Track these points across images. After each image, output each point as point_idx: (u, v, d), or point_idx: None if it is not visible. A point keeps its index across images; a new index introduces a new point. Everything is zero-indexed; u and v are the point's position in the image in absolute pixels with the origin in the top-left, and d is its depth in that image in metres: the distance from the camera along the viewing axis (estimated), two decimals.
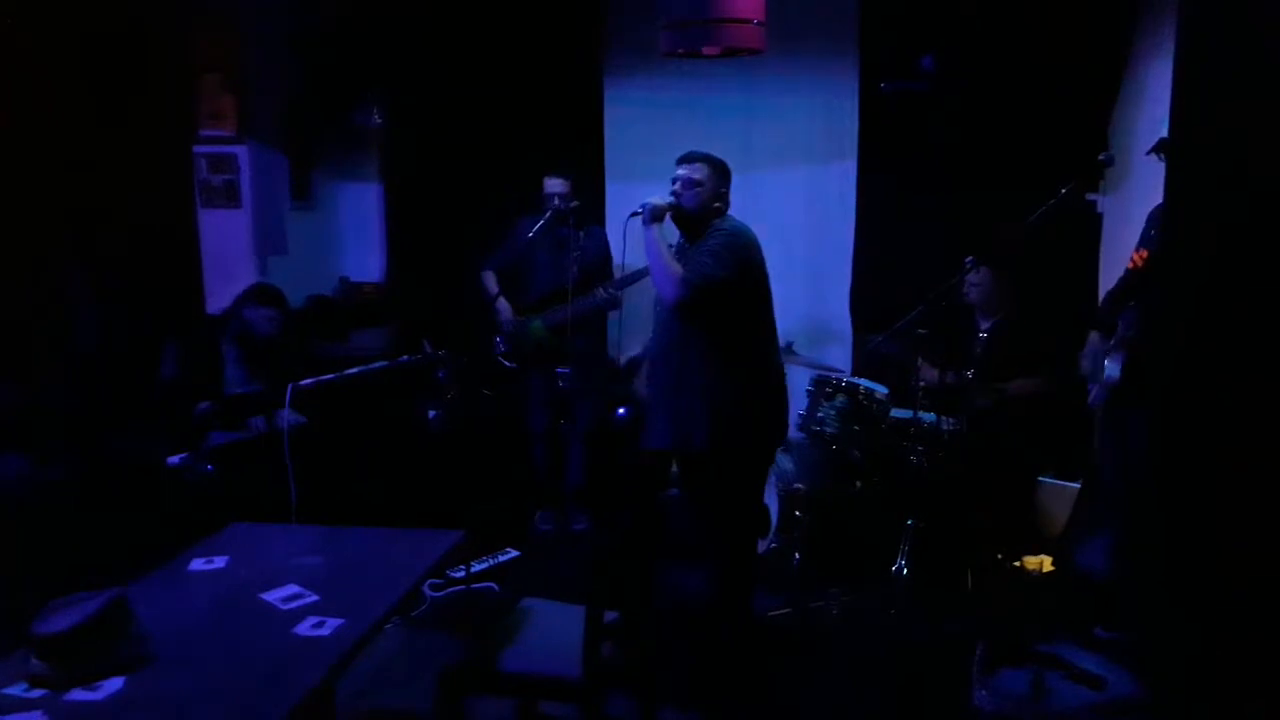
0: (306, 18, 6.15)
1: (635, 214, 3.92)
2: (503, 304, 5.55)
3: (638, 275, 5.09)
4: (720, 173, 3.96)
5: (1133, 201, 4.59)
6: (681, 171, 3.94)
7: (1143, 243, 4.01)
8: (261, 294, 5.01)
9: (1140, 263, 3.90)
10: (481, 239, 5.69)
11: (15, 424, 4.05)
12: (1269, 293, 2.35)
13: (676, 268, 3.84)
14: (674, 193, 3.94)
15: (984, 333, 4.96)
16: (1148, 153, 3.86)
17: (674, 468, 4.68)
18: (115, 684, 2.35)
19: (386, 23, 6.16)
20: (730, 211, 4.02)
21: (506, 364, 5.58)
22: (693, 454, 3.99)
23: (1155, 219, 4.07)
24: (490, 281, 5.57)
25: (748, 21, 4.07)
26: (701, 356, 3.90)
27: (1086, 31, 5.02)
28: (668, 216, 3.94)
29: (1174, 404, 2.78)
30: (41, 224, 4.48)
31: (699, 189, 3.90)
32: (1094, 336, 4.21)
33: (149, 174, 5.20)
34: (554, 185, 5.38)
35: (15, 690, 2.33)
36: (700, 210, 3.92)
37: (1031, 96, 5.13)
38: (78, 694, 2.32)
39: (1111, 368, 3.92)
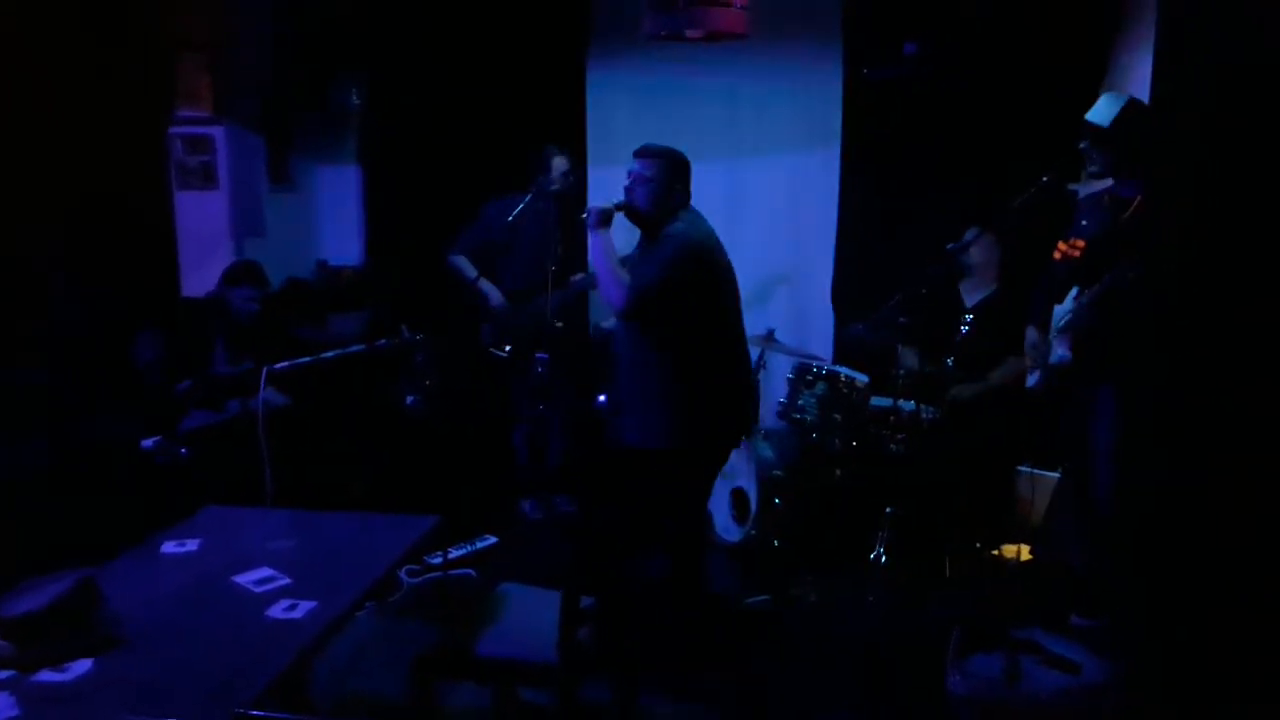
0: None
1: (583, 217, 3.93)
2: (487, 287, 5.47)
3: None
4: (675, 167, 3.92)
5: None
6: (634, 167, 3.91)
7: (1075, 231, 4.03)
8: (235, 274, 4.96)
9: (1077, 252, 3.94)
10: (460, 223, 5.67)
11: None
12: (1250, 284, 2.36)
13: (622, 275, 3.85)
14: (626, 188, 3.91)
15: (969, 311, 4.95)
16: (1086, 142, 3.90)
17: None
18: (84, 665, 2.34)
19: (367, 4, 6.12)
20: (712, 198, 4.06)
21: (496, 354, 5.52)
22: (651, 450, 4.00)
23: (1086, 208, 4.11)
24: (466, 265, 5.47)
25: (730, 5, 4.08)
26: (654, 357, 3.93)
27: (1070, 20, 5.04)
28: (622, 215, 3.93)
29: (1146, 395, 2.80)
30: (15, 206, 4.44)
31: (650, 185, 3.87)
32: (1030, 331, 4.24)
33: (124, 155, 5.16)
34: (560, 164, 5.36)
35: None
36: (652, 208, 3.89)
37: (1015, 85, 5.15)
38: (46, 675, 2.30)
39: (1060, 350, 3.95)
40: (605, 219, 3.89)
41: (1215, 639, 2.49)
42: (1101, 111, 3.85)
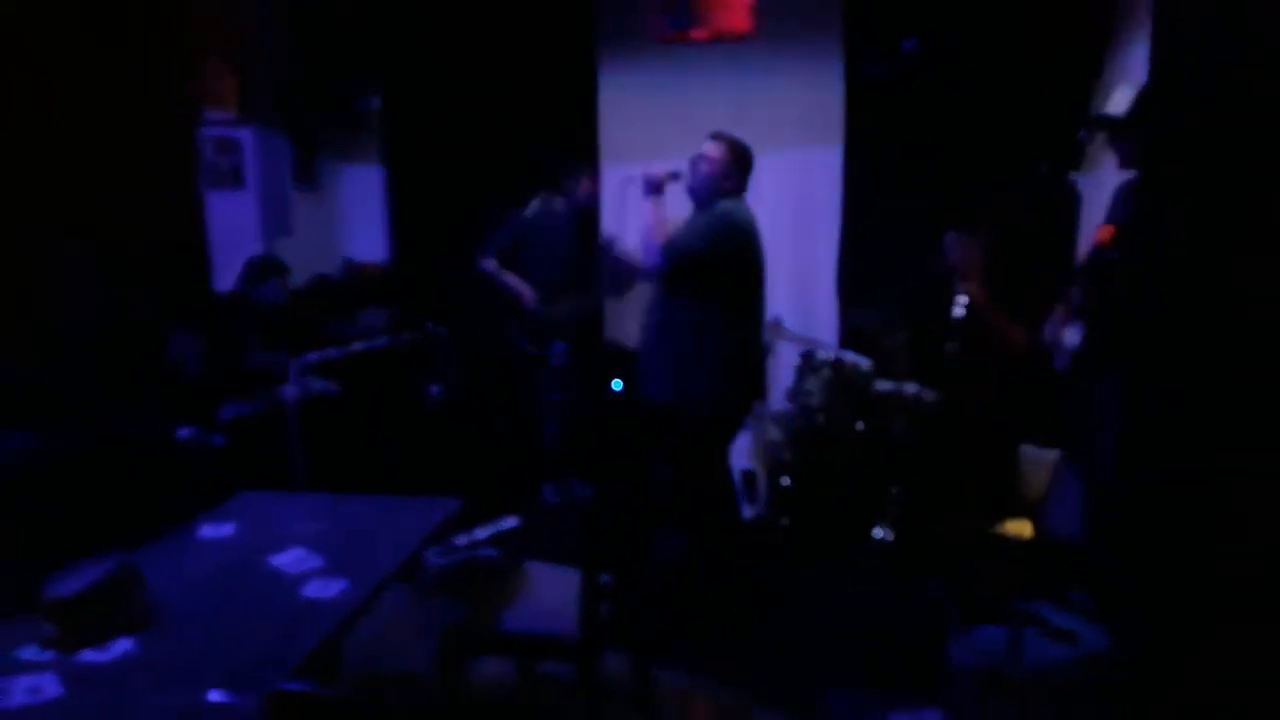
0: (308, 1, 6.23)
1: (631, 181, 4.21)
2: (519, 283, 5.61)
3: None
4: (737, 158, 4.20)
5: (1111, 180, 4.64)
6: (704, 148, 4.19)
7: (1109, 218, 4.10)
8: (258, 271, 5.10)
9: (1107, 238, 3.99)
10: (482, 219, 5.80)
11: (23, 400, 4.13)
12: (1240, 272, 2.42)
13: (660, 237, 4.11)
14: (691, 162, 4.20)
15: (964, 297, 5.00)
16: (1086, 131, 3.93)
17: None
18: (125, 645, 2.40)
19: (385, 7, 6.23)
20: None
21: (530, 350, 5.67)
22: (666, 411, 4.28)
23: (1123, 194, 4.16)
24: (494, 267, 5.65)
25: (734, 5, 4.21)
26: (681, 324, 4.18)
27: (1068, 14, 5.07)
28: (674, 189, 4.20)
29: (1141, 379, 2.85)
30: (48, 204, 4.55)
31: (710, 165, 4.16)
32: (1059, 309, 4.31)
33: (153, 155, 5.27)
34: (588, 185, 5.63)
35: (27, 652, 2.37)
36: (704, 188, 4.17)
37: (1015, 78, 5.20)
38: (88, 655, 2.36)
39: (1071, 336, 4.02)
40: (657, 186, 4.17)
41: (1213, 634, 2.55)
42: (1116, 103, 3.91)
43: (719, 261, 4.10)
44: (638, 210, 4.21)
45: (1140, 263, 3.19)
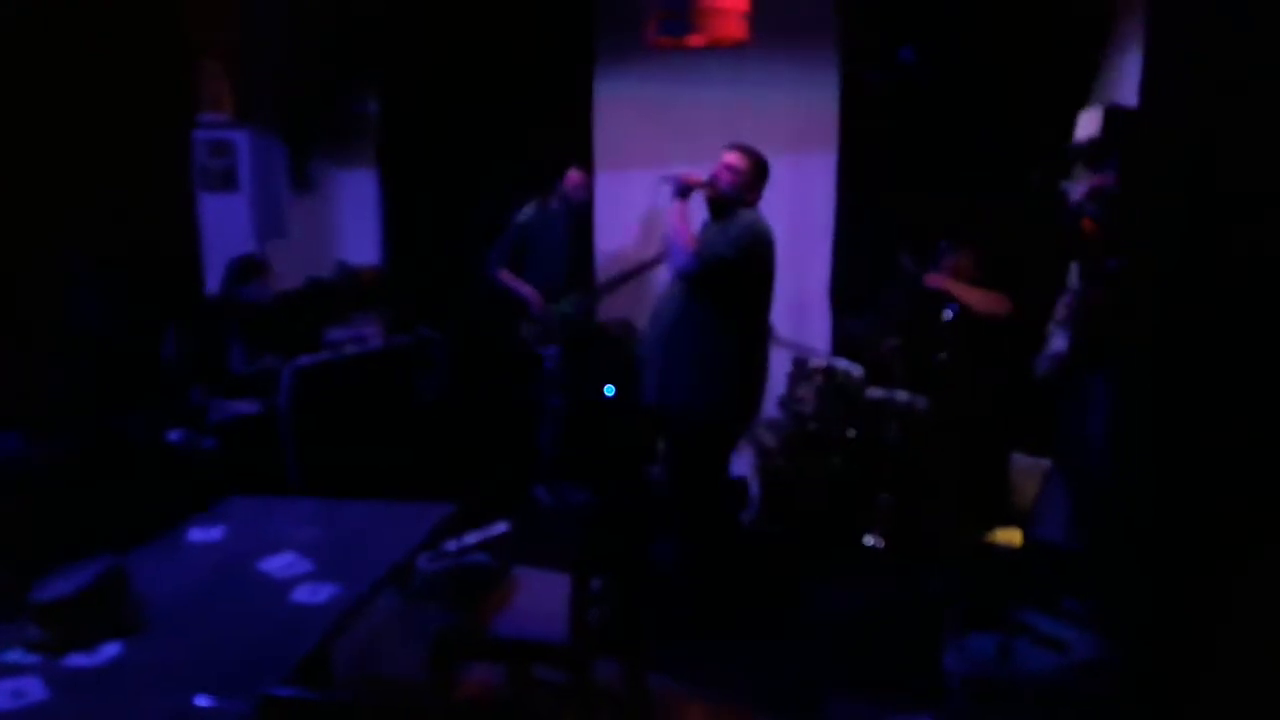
0: (303, 3, 6.23)
1: (665, 180, 4.24)
2: (527, 289, 5.65)
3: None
4: (758, 169, 4.28)
5: None
6: (727, 157, 4.24)
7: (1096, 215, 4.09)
8: (243, 271, 5.09)
9: (1091, 232, 3.99)
10: (476, 224, 5.81)
11: (15, 401, 4.13)
12: (1229, 279, 2.42)
13: (692, 241, 4.15)
14: (714, 172, 4.23)
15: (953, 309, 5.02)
16: (1070, 153, 3.95)
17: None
18: (113, 649, 2.39)
19: (382, 12, 6.23)
20: None
21: (541, 351, 5.71)
22: (671, 413, 4.31)
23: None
24: (509, 277, 5.71)
25: (731, 12, 4.23)
26: (699, 327, 4.22)
27: (1065, 22, 5.08)
28: (698, 195, 4.24)
29: (1134, 381, 2.87)
30: (42, 206, 4.55)
31: (737, 175, 4.22)
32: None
33: (148, 157, 5.27)
34: (576, 177, 5.64)
35: (13, 655, 2.36)
36: (731, 195, 4.22)
37: (1009, 87, 5.19)
38: (75, 658, 2.35)
39: (1058, 341, 4.04)
40: (687, 192, 4.22)
41: (1194, 615, 2.56)
42: (1086, 127, 3.92)
43: (748, 271, 4.18)
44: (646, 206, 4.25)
45: (1131, 268, 3.22)
